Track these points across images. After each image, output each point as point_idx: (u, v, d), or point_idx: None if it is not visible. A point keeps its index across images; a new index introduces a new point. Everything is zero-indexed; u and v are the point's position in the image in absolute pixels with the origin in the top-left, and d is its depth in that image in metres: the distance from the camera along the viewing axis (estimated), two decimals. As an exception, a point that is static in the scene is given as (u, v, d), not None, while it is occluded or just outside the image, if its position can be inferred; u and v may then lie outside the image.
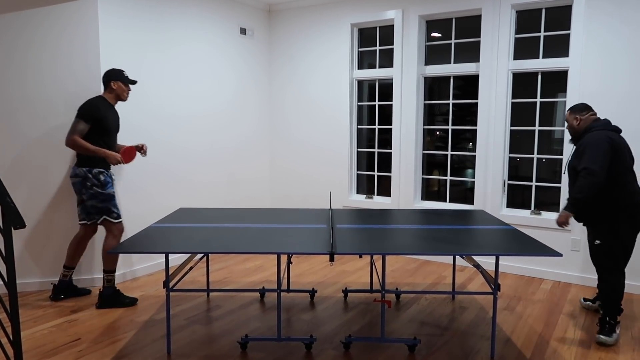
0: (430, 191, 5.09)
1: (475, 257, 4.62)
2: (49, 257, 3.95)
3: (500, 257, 4.50)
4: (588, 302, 3.61)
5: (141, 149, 3.73)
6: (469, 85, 4.76)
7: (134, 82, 3.66)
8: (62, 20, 3.81)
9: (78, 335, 3.11)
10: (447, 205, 4.90)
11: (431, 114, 5.00)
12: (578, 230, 4.14)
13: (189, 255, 4.21)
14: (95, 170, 3.51)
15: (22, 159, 3.83)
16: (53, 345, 2.98)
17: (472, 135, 4.79)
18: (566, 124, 3.35)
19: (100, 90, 3.90)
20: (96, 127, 3.48)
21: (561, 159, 4.28)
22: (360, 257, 4.30)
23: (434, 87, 4.96)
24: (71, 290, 3.79)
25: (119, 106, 3.99)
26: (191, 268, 3.25)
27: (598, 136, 3.00)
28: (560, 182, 4.29)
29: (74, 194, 3.93)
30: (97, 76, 3.91)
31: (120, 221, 3.62)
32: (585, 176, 2.94)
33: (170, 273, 3.49)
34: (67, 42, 3.84)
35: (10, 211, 2.18)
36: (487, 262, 4.58)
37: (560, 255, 2.46)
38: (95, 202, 3.54)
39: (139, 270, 4.35)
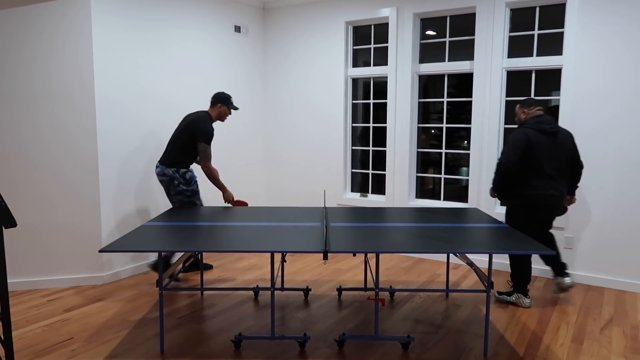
0: (424, 189, 5.09)
1: (469, 255, 4.63)
2: (40, 255, 3.93)
3: (494, 255, 4.51)
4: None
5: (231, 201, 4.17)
6: (463, 84, 4.76)
7: (236, 109, 4.12)
8: (55, 18, 3.79)
9: (71, 335, 3.09)
10: (442, 204, 4.90)
11: (425, 112, 5.00)
12: (571, 229, 4.16)
13: (183, 254, 4.20)
14: (182, 170, 3.92)
15: (14, 159, 3.81)
16: (45, 344, 2.96)
17: (467, 134, 4.79)
18: (515, 117, 3.67)
19: (92, 90, 3.88)
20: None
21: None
22: (354, 255, 4.30)
23: (428, 85, 4.96)
24: (196, 265, 4.36)
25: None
26: (184, 266, 3.23)
27: (519, 132, 3.41)
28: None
29: (63, 192, 3.92)
30: (89, 75, 3.89)
31: None
32: (497, 168, 3.47)
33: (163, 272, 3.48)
34: (60, 41, 3.81)
35: (1, 210, 2.16)
36: (480, 259, 4.59)
37: (554, 253, 2.47)
38: (182, 197, 3.94)
39: (132, 269, 4.33)
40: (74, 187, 3.95)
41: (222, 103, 4.04)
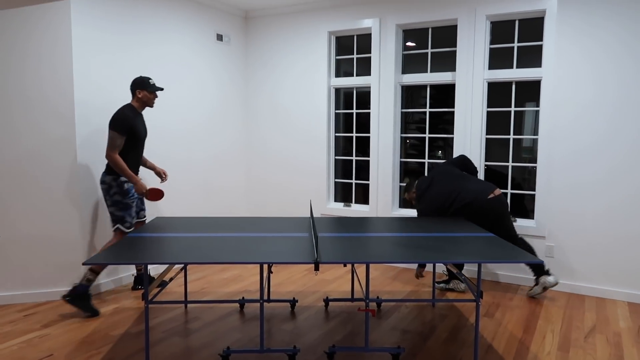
0: (403, 198, 5.10)
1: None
2: (14, 269, 3.79)
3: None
4: (535, 288, 3.98)
5: (162, 174, 4.00)
6: (440, 94, 4.82)
7: (160, 89, 3.75)
8: (33, 20, 3.69)
9: (50, 351, 2.98)
10: (425, 213, 4.93)
11: (405, 122, 5.04)
12: (552, 237, 4.23)
13: (166, 266, 4.11)
14: (122, 178, 3.64)
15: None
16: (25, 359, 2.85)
17: (444, 143, 4.85)
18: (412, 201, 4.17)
19: (72, 92, 3.79)
20: (128, 136, 3.61)
21: (534, 167, 4.37)
22: (345, 265, 4.29)
23: (407, 95, 5.01)
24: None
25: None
26: (171, 279, 3.16)
27: (423, 201, 3.94)
28: (534, 190, 4.38)
29: (40, 202, 3.81)
30: (69, 78, 3.79)
31: (130, 231, 3.70)
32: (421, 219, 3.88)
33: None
34: (38, 43, 3.72)
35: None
36: (466, 269, 4.62)
37: (542, 262, 2.50)
38: (114, 209, 3.66)
39: (112, 282, 4.22)
40: (52, 197, 3.83)
41: (140, 88, 3.67)
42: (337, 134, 5.39)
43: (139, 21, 4.36)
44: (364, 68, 5.16)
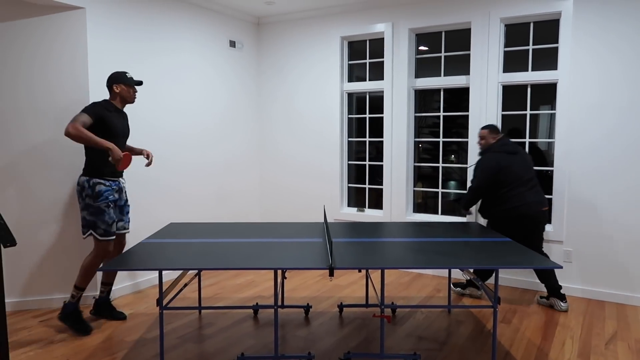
0: (417, 203, 5.07)
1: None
2: (30, 275, 3.82)
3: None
4: (543, 299, 3.91)
5: (146, 155, 3.56)
6: (453, 98, 4.79)
7: (139, 83, 3.47)
8: (51, 31, 3.74)
9: (65, 357, 2.99)
10: (439, 218, 4.89)
11: (418, 127, 5.01)
12: (570, 242, 4.16)
13: (181, 272, 4.12)
14: (94, 180, 3.32)
15: (10, 172, 3.72)
16: (40, 367, 2.86)
17: (458, 147, 4.81)
18: (481, 140, 3.96)
19: (88, 101, 3.82)
20: (100, 127, 3.29)
21: (550, 170, 4.31)
22: (360, 271, 4.25)
23: (420, 99, 4.98)
24: (106, 310, 3.63)
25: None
26: (186, 285, 3.16)
27: (489, 159, 3.77)
28: (551, 194, 4.31)
29: (56, 209, 3.83)
30: (84, 88, 3.83)
31: (107, 240, 3.34)
32: (468, 191, 3.88)
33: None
34: (55, 54, 3.76)
35: (1, 228, 2.09)
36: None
37: (561, 267, 2.45)
38: (85, 213, 3.33)
39: (127, 288, 4.23)
40: (67, 204, 3.86)
41: (117, 82, 3.39)
42: (350, 139, 5.37)
43: (153, 30, 4.39)
44: (377, 73, 5.14)
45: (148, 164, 3.54)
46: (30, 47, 3.72)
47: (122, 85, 3.40)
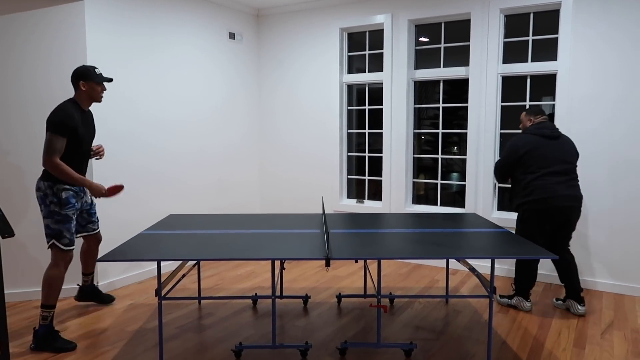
0: (416, 195, 5.09)
1: (470, 260, 4.62)
2: (31, 265, 3.86)
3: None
4: (560, 302, 3.67)
5: (95, 151, 3.34)
6: (454, 89, 4.78)
7: (108, 80, 3.13)
8: (48, 24, 3.75)
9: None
10: (438, 209, 4.90)
11: (418, 118, 5.01)
12: (568, 232, 4.17)
13: (180, 262, 4.15)
14: (59, 185, 3.04)
15: (9, 168, 3.75)
16: (42, 356, 2.90)
17: (459, 139, 4.81)
18: (521, 124, 3.70)
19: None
20: (70, 137, 3.02)
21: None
22: (356, 262, 4.28)
23: (420, 91, 4.97)
24: (94, 295, 3.73)
25: (100, 107, 3.92)
26: (184, 275, 3.19)
27: (518, 140, 3.49)
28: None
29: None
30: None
31: (71, 250, 3.09)
32: (494, 168, 3.64)
33: (161, 281, 3.43)
34: (54, 47, 3.77)
35: (-2, 219, 2.12)
36: (480, 265, 4.58)
37: (557, 257, 2.47)
38: (49, 221, 3.04)
39: (127, 279, 4.27)
40: (68, 195, 3.88)
41: (84, 79, 3.06)
42: (349, 131, 5.38)
43: (152, 22, 4.40)
44: (377, 64, 5.14)
45: (96, 157, 3.37)
46: (22, 41, 3.73)
47: (92, 83, 3.09)
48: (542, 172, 3.38)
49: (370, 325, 3.34)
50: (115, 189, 3.21)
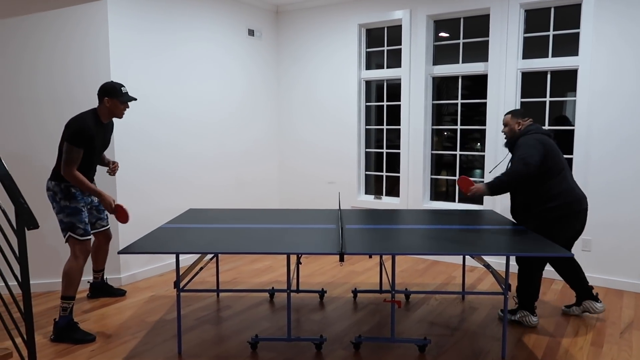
0: (438, 191, 5.07)
1: (485, 257, 4.60)
2: (56, 257, 3.98)
3: (510, 257, 4.47)
4: (571, 308, 3.48)
5: (111, 167, 3.48)
6: (476, 85, 4.74)
7: (132, 99, 3.24)
8: (72, 22, 3.85)
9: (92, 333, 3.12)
10: (456, 206, 4.88)
11: (439, 114, 4.99)
12: (589, 231, 4.11)
13: (199, 255, 4.23)
14: (66, 183, 3.18)
15: (30, 161, 3.87)
16: (65, 345, 3.00)
17: (481, 135, 4.77)
18: (504, 127, 3.40)
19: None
20: (85, 148, 3.14)
21: (570, 158, 4.25)
22: (370, 257, 4.29)
23: (441, 87, 4.95)
24: (105, 290, 3.83)
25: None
26: (202, 268, 3.26)
27: (534, 137, 3.14)
28: (570, 182, 4.25)
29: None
30: (106, 78, 3.94)
31: (88, 239, 3.18)
32: (519, 164, 3.05)
33: (180, 273, 3.51)
34: (77, 44, 3.87)
35: (24, 211, 2.20)
36: (496, 262, 4.56)
37: (572, 255, 2.45)
38: (62, 215, 3.17)
39: (149, 271, 4.37)
40: (92, 190, 3.99)
41: (109, 96, 3.16)
42: (367, 127, 5.38)
43: (173, 19, 4.47)
44: (395, 60, 5.13)
45: (110, 173, 3.49)
46: (49, 38, 3.83)
47: (116, 101, 3.18)
48: (562, 174, 3.13)
49: (385, 320, 3.36)
50: (124, 213, 3.20)
